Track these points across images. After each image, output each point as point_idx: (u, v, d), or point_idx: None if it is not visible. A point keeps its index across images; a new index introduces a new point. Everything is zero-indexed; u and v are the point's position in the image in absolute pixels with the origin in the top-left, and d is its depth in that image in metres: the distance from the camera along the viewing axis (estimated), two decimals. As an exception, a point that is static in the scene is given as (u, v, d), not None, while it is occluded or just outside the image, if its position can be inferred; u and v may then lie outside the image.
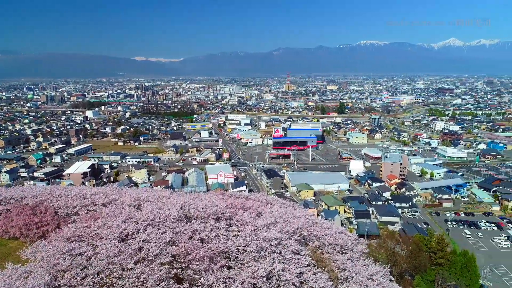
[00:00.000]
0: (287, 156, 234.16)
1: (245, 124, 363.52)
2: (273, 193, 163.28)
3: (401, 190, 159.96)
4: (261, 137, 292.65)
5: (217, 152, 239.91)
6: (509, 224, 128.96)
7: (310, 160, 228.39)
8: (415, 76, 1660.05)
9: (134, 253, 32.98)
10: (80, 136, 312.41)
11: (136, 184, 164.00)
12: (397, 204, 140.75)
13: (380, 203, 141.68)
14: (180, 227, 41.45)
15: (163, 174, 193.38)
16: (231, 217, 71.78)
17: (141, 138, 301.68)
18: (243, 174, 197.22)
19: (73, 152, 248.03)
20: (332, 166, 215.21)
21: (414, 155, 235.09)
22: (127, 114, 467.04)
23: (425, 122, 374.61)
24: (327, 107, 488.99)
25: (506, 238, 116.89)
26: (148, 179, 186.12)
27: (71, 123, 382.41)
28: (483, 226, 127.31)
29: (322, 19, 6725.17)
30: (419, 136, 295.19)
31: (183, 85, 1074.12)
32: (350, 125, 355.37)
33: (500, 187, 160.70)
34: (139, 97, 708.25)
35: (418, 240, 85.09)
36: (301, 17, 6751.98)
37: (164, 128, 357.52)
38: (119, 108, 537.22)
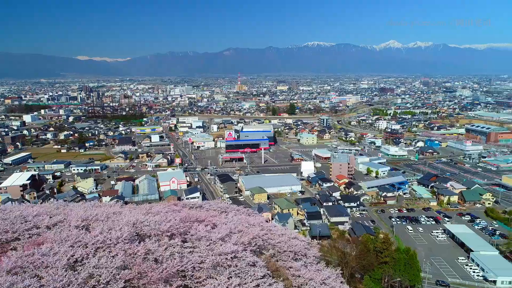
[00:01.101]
0: (240, 159, 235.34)
1: (197, 127, 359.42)
2: (227, 198, 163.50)
3: (350, 190, 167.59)
4: (213, 140, 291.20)
5: (169, 157, 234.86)
6: (445, 218, 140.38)
7: (263, 163, 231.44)
8: (360, 76, 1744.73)
9: (84, 281, 31.45)
10: (17, 143, 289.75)
11: (82, 195, 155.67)
12: (346, 204, 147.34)
13: (330, 203, 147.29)
14: (133, 248, 40.13)
15: (112, 182, 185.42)
16: (186, 232, 70.84)
17: (87, 144, 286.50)
18: (196, 179, 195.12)
19: (10, 162, 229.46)
20: (284, 167, 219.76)
21: (360, 154, 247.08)
22: (70, 118, 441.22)
23: (370, 121, 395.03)
24: (278, 108, 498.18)
25: (443, 231, 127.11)
26: (96, 188, 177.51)
27: (6, 130, 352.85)
28: (423, 221, 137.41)
29: (271, 19, 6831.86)
30: (364, 136, 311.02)
31: (130, 86, 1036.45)
32: (301, 126, 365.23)
33: (437, 183, 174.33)
34: (83, 99, 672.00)
35: (366, 241, 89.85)
36: (251, 17, 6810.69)
37: (112, 133, 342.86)
38: (61, 111, 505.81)
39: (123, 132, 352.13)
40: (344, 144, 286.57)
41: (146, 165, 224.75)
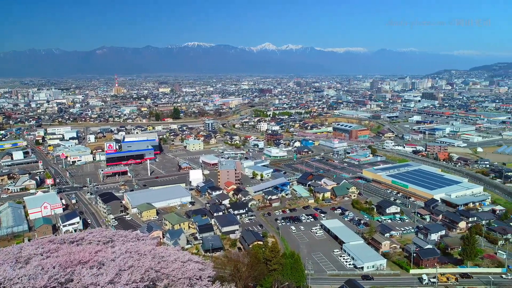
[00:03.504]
0: (124, 173, 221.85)
1: (70, 139, 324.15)
2: (112, 219, 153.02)
3: (238, 196, 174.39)
4: (91, 153, 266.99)
5: (37, 177, 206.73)
6: (321, 214, 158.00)
7: (149, 174, 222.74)
8: (240, 76, 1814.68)
9: None
10: None
11: None
12: (236, 212, 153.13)
13: (221, 213, 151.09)
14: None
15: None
16: (68, 280, 64.50)
17: None
18: (74, 201, 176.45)
19: None
20: (172, 178, 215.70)
21: (246, 158, 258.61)
22: None
23: (252, 123, 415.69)
24: (162, 113, 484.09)
25: (320, 227, 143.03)
26: None
27: None
28: (304, 219, 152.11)
29: (148, 17, 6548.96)
30: (248, 139, 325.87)
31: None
32: (186, 132, 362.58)
33: (313, 181, 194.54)
34: None
35: (256, 252, 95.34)
36: (126, 13, 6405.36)
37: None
38: None
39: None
40: (230, 148, 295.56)
41: (8, 189, 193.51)
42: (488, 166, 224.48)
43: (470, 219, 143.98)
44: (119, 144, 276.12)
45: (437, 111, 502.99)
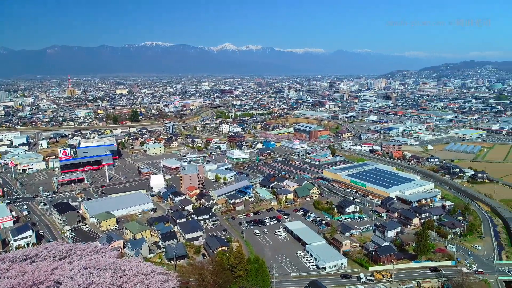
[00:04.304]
0: (81, 180, 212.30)
1: (20, 145, 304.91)
2: (68, 230, 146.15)
3: (201, 201, 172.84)
4: (44, 159, 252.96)
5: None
6: (285, 216, 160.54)
7: (108, 181, 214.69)
8: (201, 77, 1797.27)
9: None
10: None
11: None
12: (199, 217, 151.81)
13: (184, 219, 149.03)
14: None
15: None
16: (22, 304, 61.09)
17: None
18: (26, 212, 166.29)
19: None
20: (132, 184, 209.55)
21: (208, 161, 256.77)
22: None
23: (214, 125, 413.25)
24: (119, 115, 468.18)
25: (283, 229, 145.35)
26: None
27: None
28: (267, 222, 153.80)
29: (104, 16, 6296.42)
30: (210, 141, 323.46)
31: None
32: (146, 135, 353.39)
33: (275, 183, 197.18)
34: None
35: (220, 260, 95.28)
36: (80, 12, 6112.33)
37: None
38: None
39: None
40: (192, 151, 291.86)
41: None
42: (438, 163, 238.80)
43: (422, 215, 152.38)
44: (74, 150, 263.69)
45: (391, 110, 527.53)
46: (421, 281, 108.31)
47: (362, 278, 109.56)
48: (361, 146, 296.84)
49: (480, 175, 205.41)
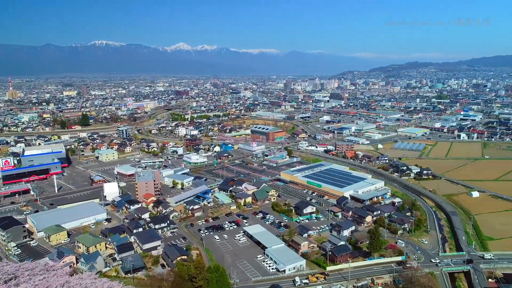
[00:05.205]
0: (26, 192, 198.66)
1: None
2: (14, 247, 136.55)
3: (159, 209, 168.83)
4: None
5: None
6: (244, 220, 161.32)
7: (57, 191, 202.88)
8: (155, 77, 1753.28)
9: None
10: None
11: None
12: (157, 226, 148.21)
13: (141, 229, 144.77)
14: None
15: None
16: None
17: None
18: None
19: None
20: (84, 193, 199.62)
21: (165, 166, 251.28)
22: None
23: (170, 128, 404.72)
24: (68, 119, 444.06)
25: (243, 234, 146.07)
26: None
27: None
28: (227, 227, 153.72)
29: (47, 14, 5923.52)
30: (166, 145, 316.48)
31: None
32: (98, 140, 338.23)
33: (234, 187, 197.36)
34: None
35: (180, 271, 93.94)
36: (21, 10, 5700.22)
37: None
38: None
39: None
40: (147, 156, 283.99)
41: None
42: (387, 161, 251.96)
43: (374, 213, 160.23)
44: (18, 158, 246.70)
45: (343, 110, 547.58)
46: (374, 277, 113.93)
47: (297, 282, 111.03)
48: (316, 147, 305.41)
49: (425, 171, 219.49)
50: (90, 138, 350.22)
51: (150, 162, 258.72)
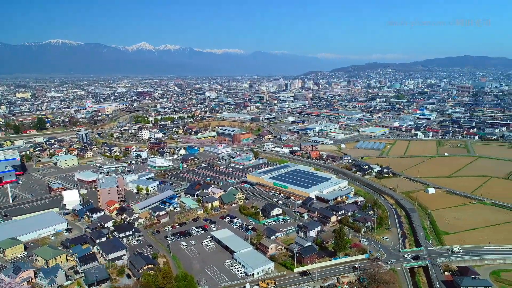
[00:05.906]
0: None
1: None
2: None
3: (123, 216, 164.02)
4: None
5: None
6: (211, 225, 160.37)
7: (11, 201, 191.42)
8: (115, 78, 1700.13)
9: None
10: None
11: None
12: (121, 234, 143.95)
13: (104, 238, 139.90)
14: None
15: None
16: None
17: None
18: None
19: None
20: (42, 203, 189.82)
21: (128, 171, 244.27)
22: None
23: (133, 131, 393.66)
24: (22, 124, 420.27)
25: (211, 239, 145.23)
26: None
27: None
28: (194, 232, 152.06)
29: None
30: (129, 149, 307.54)
31: None
32: (56, 145, 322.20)
33: (201, 191, 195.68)
34: None
35: (147, 282, 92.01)
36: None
37: None
38: None
39: None
40: (109, 161, 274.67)
41: None
42: (350, 161, 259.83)
43: (339, 213, 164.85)
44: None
45: (307, 111, 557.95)
46: (340, 276, 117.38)
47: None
48: (282, 148, 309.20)
49: (385, 170, 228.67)
50: (47, 143, 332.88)
51: (112, 168, 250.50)
